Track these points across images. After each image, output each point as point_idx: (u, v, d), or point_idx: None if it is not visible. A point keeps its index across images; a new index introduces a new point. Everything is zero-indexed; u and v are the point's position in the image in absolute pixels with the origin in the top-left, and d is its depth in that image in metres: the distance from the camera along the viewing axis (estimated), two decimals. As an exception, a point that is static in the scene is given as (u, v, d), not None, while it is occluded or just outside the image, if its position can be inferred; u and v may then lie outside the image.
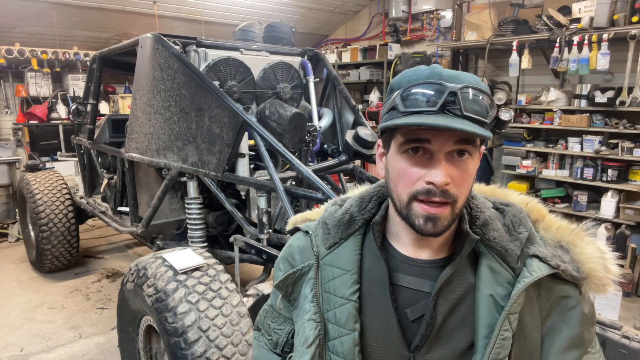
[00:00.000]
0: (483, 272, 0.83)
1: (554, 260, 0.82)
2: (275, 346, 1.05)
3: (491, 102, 0.79)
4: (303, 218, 1.06)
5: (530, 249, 0.84)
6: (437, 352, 0.84)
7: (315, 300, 0.89)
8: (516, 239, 0.85)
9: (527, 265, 0.83)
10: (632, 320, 3.65)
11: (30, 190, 4.34)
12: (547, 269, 0.81)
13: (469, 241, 0.84)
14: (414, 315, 0.85)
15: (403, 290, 0.87)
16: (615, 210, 4.56)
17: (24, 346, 3.33)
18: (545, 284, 0.83)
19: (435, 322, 0.83)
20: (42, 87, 6.05)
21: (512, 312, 0.79)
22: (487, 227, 0.85)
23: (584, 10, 4.53)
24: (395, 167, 0.82)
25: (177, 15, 6.26)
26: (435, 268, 0.86)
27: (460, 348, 0.83)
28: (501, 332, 0.78)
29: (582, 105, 4.79)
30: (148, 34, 2.96)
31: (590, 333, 0.86)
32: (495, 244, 0.84)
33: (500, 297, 0.81)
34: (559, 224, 0.90)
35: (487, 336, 0.79)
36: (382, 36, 7.30)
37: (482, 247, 0.85)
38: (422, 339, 0.84)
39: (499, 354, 0.78)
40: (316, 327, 0.88)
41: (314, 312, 0.88)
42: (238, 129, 2.58)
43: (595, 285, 0.84)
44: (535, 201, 0.94)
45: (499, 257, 0.83)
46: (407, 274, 0.87)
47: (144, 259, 2.24)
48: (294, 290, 0.95)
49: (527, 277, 0.81)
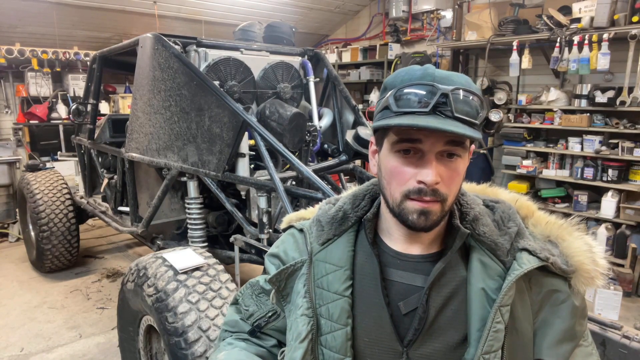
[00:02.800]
0: (474, 266, 0.85)
1: (543, 253, 0.84)
2: (249, 317, 1.07)
3: (481, 104, 0.81)
4: (298, 217, 1.07)
5: (519, 243, 0.86)
6: (430, 347, 0.85)
7: (308, 295, 0.90)
8: (505, 233, 0.87)
9: (517, 258, 0.84)
10: (633, 320, 3.65)
11: (31, 190, 4.34)
12: (536, 262, 0.83)
13: (460, 235, 0.86)
14: (407, 308, 0.86)
15: (395, 285, 0.88)
16: (616, 210, 4.56)
17: (24, 346, 3.33)
18: (535, 277, 0.85)
19: (428, 316, 0.85)
20: (42, 87, 6.05)
21: (503, 304, 0.80)
22: (477, 222, 0.87)
23: (584, 10, 4.52)
24: (388, 166, 0.84)
25: (177, 15, 6.27)
26: (427, 263, 0.88)
27: (453, 342, 0.84)
28: (493, 325, 0.79)
29: (582, 105, 4.79)
30: (148, 34, 2.96)
31: (582, 326, 0.88)
32: (485, 239, 0.86)
33: (491, 290, 0.82)
34: (547, 219, 0.92)
35: (479, 329, 0.81)
36: (382, 36, 7.30)
37: (473, 241, 0.87)
38: (415, 334, 0.85)
39: (492, 347, 0.79)
40: (309, 322, 0.89)
41: (306, 308, 0.89)
42: (238, 128, 2.58)
43: (585, 279, 0.86)
44: (524, 198, 0.97)
45: (489, 251, 0.85)
46: (399, 269, 0.89)
47: (144, 259, 2.24)
48: (286, 286, 0.96)
49: (517, 269, 0.82)
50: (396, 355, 0.86)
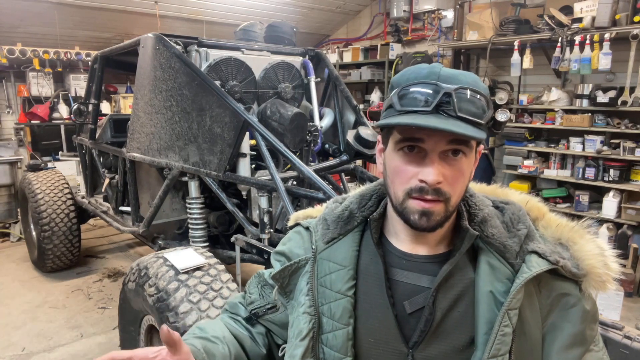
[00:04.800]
0: (482, 269, 0.83)
1: (553, 256, 0.82)
2: (250, 303, 1.09)
3: (488, 103, 0.80)
4: (305, 215, 1.07)
5: (529, 246, 0.84)
6: (435, 349, 0.84)
7: (310, 293, 0.90)
8: (515, 235, 0.85)
9: (527, 261, 0.83)
10: (634, 320, 3.65)
11: (32, 190, 4.34)
12: (546, 265, 0.81)
13: (469, 237, 0.85)
14: (413, 307, 0.85)
15: (400, 285, 0.87)
16: (617, 210, 4.55)
17: (25, 345, 3.33)
18: (545, 281, 0.83)
19: (435, 317, 0.83)
20: (43, 87, 6.06)
21: (511, 307, 0.79)
22: (486, 224, 0.86)
23: (586, 9, 4.52)
24: (392, 164, 0.84)
25: (178, 15, 6.27)
26: (434, 263, 0.86)
27: (460, 344, 0.83)
28: (501, 328, 0.78)
29: (583, 105, 4.78)
30: (149, 34, 2.96)
31: (593, 330, 0.86)
32: (494, 240, 0.84)
33: (499, 294, 0.81)
34: (558, 222, 0.90)
35: (487, 332, 0.79)
36: (383, 36, 7.30)
37: (481, 243, 0.86)
38: (421, 335, 0.84)
39: (499, 350, 0.78)
40: (310, 320, 0.89)
41: (308, 306, 0.89)
42: (239, 128, 2.58)
43: (596, 282, 0.83)
44: (535, 200, 0.95)
45: (498, 253, 0.84)
46: (405, 269, 0.88)
47: (145, 259, 2.24)
48: (290, 283, 0.96)
49: (526, 272, 0.81)
50: (401, 357, 0.85)
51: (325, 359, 0.88)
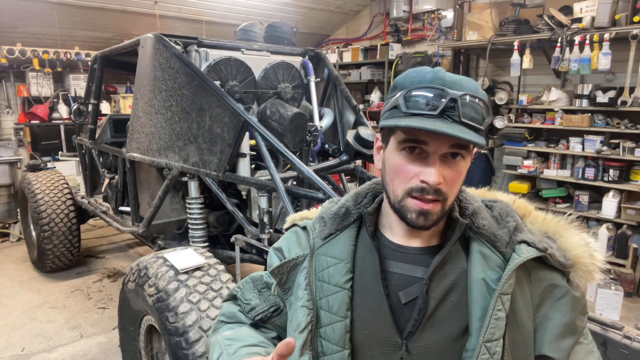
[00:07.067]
0: (474, 257, 0.86)
1: (541, 244, 0.86)
2: (250, 310, 1.05)
3: (487, 110, 0.83)
4: (301, 216, 1.09)
5: (518, 237, 0.88)
6: (429, 338, 0.85)
7: (308, 288, 0.92)
8: (504, 227, 0.89)
9: (516, 250, 0.86)
10: (634, 320, 3.65)
11: (32, 190, 4.34)
12: (535, 252, 0.85)
13: (459, 226, 0.88)
14: (407, 297, 0.87)
15: (395, 276, 0.89)
16: (617, 210, 4.55)
17: (25, 345, 3.33)
18: (534, 271, 0.87)
19: (428, 307, 0.86)
20: (43, 87, 6.06)
21: (504, 292, 0.82)
22: (477, 216, 0.90)
23: (586, 10, 4.52)
24: (393, 163, 0.86)
25: (178, 15, 6.27)
26: (427, 255, 0.89)
27: (453, 333, 0.85)
28: (494, 312, 0.81)
29: (583, 105, 4.78)
30: (149, 34, 2.96)
31: (582, 322, 0.89)
32: (485, 231, 0.88)
33: (492, 281, 0.84)
34: (544, 217, 0.95)
35: (481, 318, 0.82)
36: (383, 36, 7.30)
37: (472, 234, 0.89)
38: (415, 325, 0.86)
39: (493, 334, 0.80)
40: (308, 314, 0.90)
41: (307, 299, 0.91)
42: (239, 128, 2.58)
43: (583, 272, 0.88)
44: (521, 200, 0.99)
45: (489, 243, 0.87)
46: (399, 261, 0.90)
47: (145, 259, 2.24)
48: (288, 280, 0.98)
49: (517, 258, 0.84)
50: (395, 348, 0.87)
51: (323, 352, 0.89)
